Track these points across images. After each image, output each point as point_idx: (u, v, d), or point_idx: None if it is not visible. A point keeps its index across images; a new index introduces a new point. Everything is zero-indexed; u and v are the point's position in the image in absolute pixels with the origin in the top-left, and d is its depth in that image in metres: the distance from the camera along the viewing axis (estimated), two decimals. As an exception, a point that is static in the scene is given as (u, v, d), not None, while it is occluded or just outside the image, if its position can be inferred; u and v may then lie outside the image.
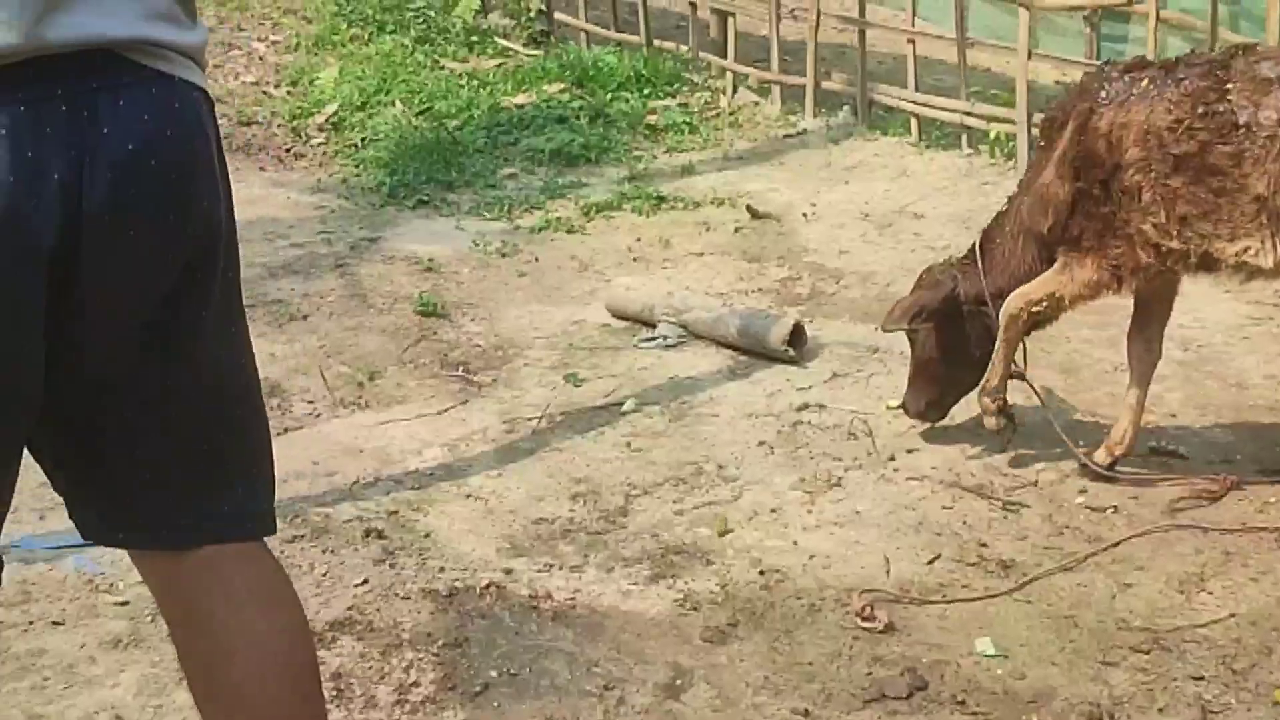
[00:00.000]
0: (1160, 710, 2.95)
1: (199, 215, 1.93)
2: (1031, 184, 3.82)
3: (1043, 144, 3.85)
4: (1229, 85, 3.51)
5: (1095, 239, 3.67)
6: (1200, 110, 3.51)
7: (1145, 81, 3.61)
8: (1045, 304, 3.75)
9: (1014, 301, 3.78)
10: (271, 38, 7.28)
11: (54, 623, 3.20)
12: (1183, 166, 3.52)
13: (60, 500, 3.71)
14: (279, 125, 6.28)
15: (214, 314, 2.00)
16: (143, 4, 1.84)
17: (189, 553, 2.08)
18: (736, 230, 5.39)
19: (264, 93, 6.61)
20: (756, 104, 6.60)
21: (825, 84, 6.48)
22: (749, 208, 5.48)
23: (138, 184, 1.85)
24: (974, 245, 3.96)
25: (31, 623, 3.20)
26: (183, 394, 1.99)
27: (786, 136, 6.29)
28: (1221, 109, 3.50)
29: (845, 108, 6.41)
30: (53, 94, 1.78)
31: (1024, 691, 3.02)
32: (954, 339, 3.95)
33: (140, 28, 1.84)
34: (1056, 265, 3.75)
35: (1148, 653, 3.12)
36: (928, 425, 4.03)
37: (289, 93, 6.60)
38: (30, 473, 3.73)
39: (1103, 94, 3.64)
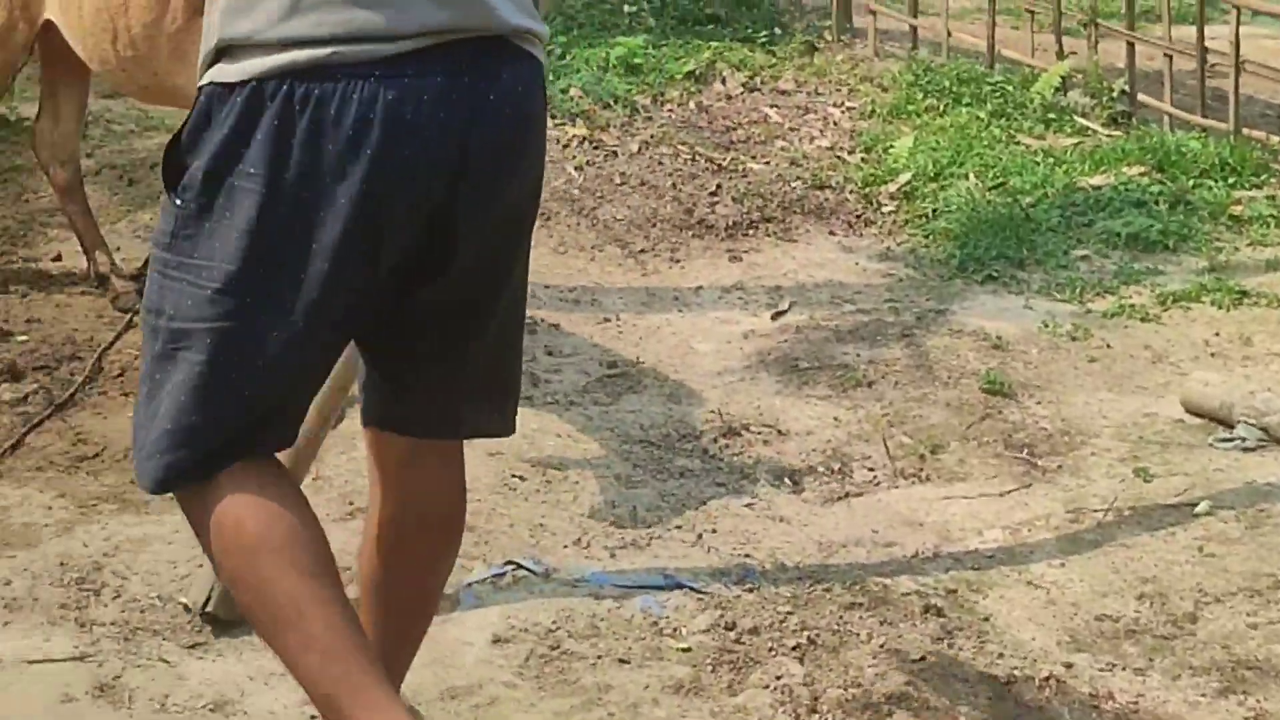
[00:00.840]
0: None
1: (539, 167, 2.44)
2: None
3: None
4: None
5: None
6: None
7: None
8: None
9: None
10: (847, 104, 7.34)
11: (620, 660, 3.29)
12: None
13: (631, 540, 3.84)
14: (851, 191, 6.32)
15: (525, 251, 2.50)
16: (519, 3, 2.34)
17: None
18: (1326, 333, 5.11)
19: (838, 158, 6.67)
20: (1352, 201, 6.24)
21: None
22: (1340, 310, 5.19)
23: (510, 139, 2.33)
24: None
25: (600, 657, 3.29)
26: (504, 313, 2.48)
27: (1383, 237, 5.93)
28: None
29: None
30: (460, 68, 2.26)
31: None
32: None
33: (523, 20, 2.34)
34: None
35: None
36: None
37: (863, 159, 6.64)
38: (603, 513, 3.84)
39: None
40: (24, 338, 4.72)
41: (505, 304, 2.49)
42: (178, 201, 2.28)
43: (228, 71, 2.22)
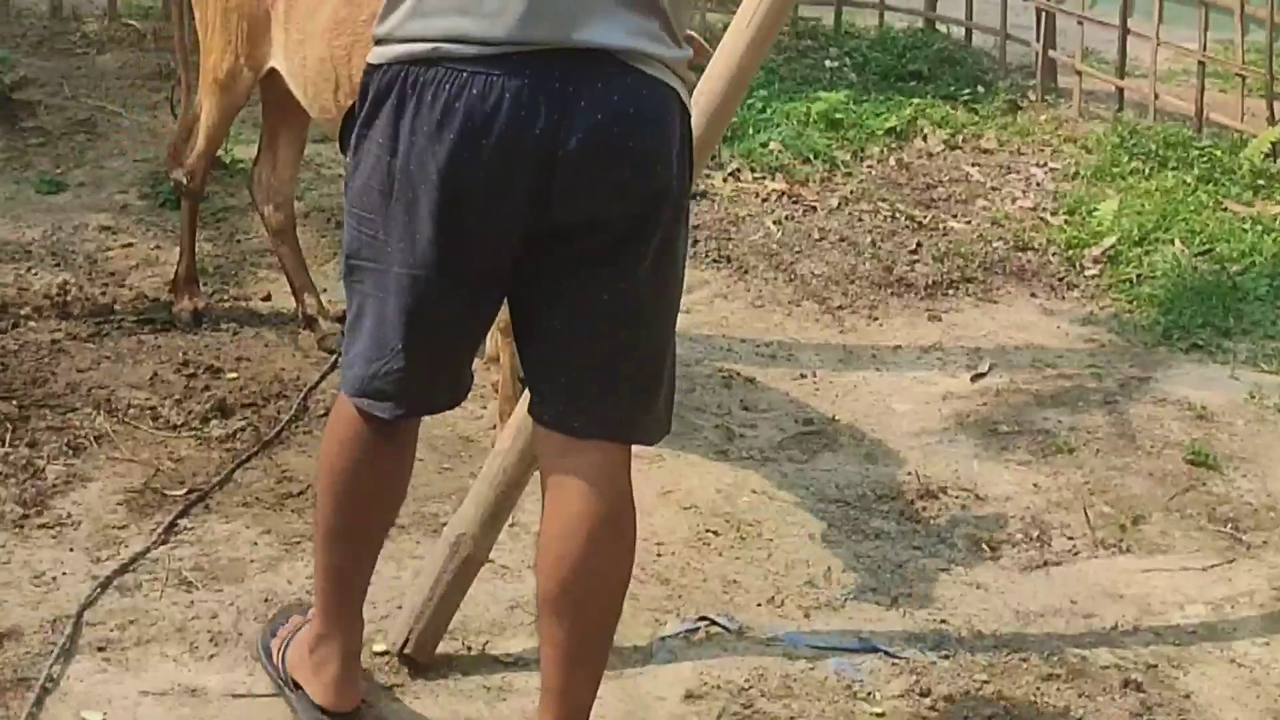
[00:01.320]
0: None
1: (651, 178, 2.63)
2: None
3: None
4: None
5: None
6: None
7: None
8: None
9: None
10: (1050, 164, 7.26)
11: (814, 723, 3.28)
12: None
13: (825, 600, 3.83)
14: (1053, 253, 6.24)
15: (652, 255, 2.67)
16: (638, 25, 2.57)
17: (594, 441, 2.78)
18: None
19: (1040, 219, 6.59)
20: None
21: None
22: None
23: (603, 143, 2.56)
24: None
25: (793, 718, 3.28)
26: (618, 312, 2.68)
27: None
28: None
29: None
30: (552, 74, 2.53)
31: None
32: None
33: (633, 41, 2.57)
34: None
35: None
36: None
37: (1066, 221, 6.55)
38: (797, 572, 3.80)
39: None
40: (233, 375, 4.84)
41: (626, 315, 2.71)
42: (347, 158, 2.74)
43: (375, 54, 2.67)
